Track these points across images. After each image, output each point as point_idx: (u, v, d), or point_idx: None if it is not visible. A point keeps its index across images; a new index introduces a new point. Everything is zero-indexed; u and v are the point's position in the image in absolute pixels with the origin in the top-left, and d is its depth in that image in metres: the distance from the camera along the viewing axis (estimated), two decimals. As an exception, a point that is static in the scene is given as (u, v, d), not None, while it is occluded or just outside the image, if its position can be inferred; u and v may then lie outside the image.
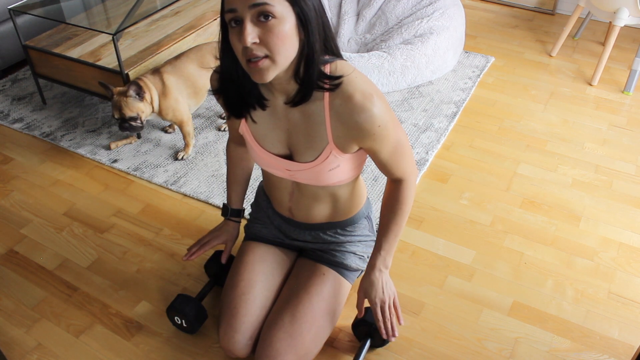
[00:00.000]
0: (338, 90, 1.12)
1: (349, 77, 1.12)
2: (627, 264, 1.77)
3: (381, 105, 1.12)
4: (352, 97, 1.11)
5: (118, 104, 2.00)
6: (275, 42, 1.01)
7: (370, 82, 1.15)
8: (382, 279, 1.34)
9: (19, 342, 1.58)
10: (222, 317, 1.42)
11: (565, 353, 1.52)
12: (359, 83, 1.12)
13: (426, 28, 2.62)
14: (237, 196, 1.56)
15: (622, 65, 2.82)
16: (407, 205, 1.32)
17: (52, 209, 2.02)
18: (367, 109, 1.11)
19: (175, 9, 2.66)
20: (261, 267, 1.48)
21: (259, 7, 0.98)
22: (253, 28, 1.00)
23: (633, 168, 2.16)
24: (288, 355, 1.31)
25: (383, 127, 1.14)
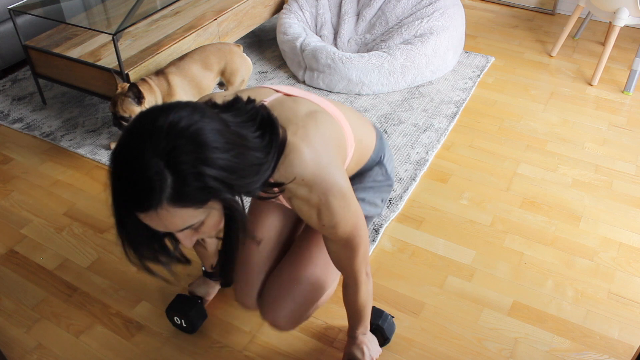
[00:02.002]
0: (288, 189, 1.05)
1: (296, 181, 1.03)
2: (627, 264, 1.77)
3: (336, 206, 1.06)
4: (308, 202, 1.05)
5: (115, 99, 2.03)
6: (209, 231, 0.95)
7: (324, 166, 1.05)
8: (365, 343, 1.38)
9: (19, 342, 1.58)
10: (237, 273, 1.43)
11: (565, 353, 1.52)
12: (310, 184, 1.03)
13: (426, 28, 2.62)
14: (213, 261, 1.55)
15: (622, 65, 2.82)
16: (365, 300, 1.30)
17: (52, 209, 2.02)
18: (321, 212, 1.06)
19: (175, 9, 2.66)
20: (272, 223, 1.46)
21: (185, 229, 0.90)
22: (186, 236, 0.93)
23: (633, 168, 2.16)
24: (285, 302, 1.32)
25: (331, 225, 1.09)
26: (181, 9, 2.66)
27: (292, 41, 2.67)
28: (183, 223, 0.87)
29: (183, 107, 0.85)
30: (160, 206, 0.82)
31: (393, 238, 1.86)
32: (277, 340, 1.57)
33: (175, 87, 2.10)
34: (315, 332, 1.58)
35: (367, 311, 1.34)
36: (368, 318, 1.37)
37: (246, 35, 3.10)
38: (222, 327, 1.60)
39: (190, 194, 0.83)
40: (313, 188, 1.04)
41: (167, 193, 0.81)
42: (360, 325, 1.37)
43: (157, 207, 0.82)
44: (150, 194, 0.81)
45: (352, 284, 1.25)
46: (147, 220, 0.86)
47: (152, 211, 0.83)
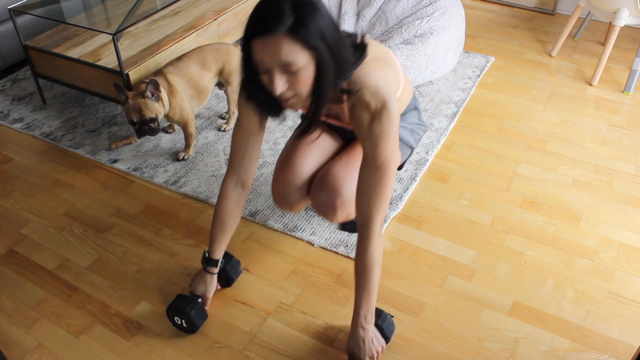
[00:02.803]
0: (355, 96, 1.28)
1: (363, 89, 1.27)
2: (627, 264, 1.77)
3: (387, 120, 1.27)
4: (367, 106, 1.28)
5: (137, 106, 1.97)
6: (300, 86, 1.17)
7: (387, 85, 1.29)
8: (368, 337, 1.40)
9: (19, 342, 1.58)
10: (279, 169, 1.64)
11: (565, 353, 1.52)
12: (373, 92, 1.27)
13: (426, 28, 2.62)
14: (221, 246, 1.56)
15: (622, 65, 2.82)
16: (373, 260, 1.35)
17: (52, 209, 2.02)
18: (373, 120, 1.28)
19: (175, 9, 2.66)
20: (318, 140, 1.67)
21: (285, 65, 1.12)
22: (281, 77, 1.15)
23: (633, 168, 2.16)
24: (345, 180, 1.54)
25: (377, 138, 1.29)
26: (181, 9, 2.66)
27: (292, 41, 2.66)
28: (287, 55, 1.11)
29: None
30: (279, 32, 1.09)
31: (393, 238, 1.86)
32: (277, 340, 1.57)
33: (176, 86, 2.10)
34: (315, 332, 1.58)
35: (373, 280, 1.36)
36: (374, 295, 1.38)
37: (246, 35, 3.10)
38: (222, 327, 1.60)
39: (303, 34, 1.10)
40: (375, 96, 1.27)
41: (288, 24, 1.08)
42: (364, 303, 1.37)
43: (276, 32, 1.08)
44: (276, 21, 1.08)
45: (367, 226, 1.33)
46: (262, 46, 1.11)
47: (271, 35, 1.09)
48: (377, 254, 1.35)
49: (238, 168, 1.49)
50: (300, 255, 1.81)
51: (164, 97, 2.05)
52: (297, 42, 1.10)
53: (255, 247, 1.85)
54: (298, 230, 1.89)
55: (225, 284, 1.69)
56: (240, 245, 1.85)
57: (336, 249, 1.82)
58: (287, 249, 1.84)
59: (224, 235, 1.54)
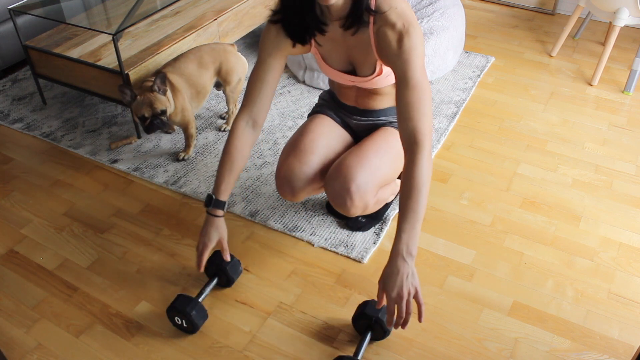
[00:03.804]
0: (382, 18, 1.34)
1: (390, 9, 1.33)
2: (627, 264, 1.77)
3: (415, 37, 1.33)
4: (393, 26, 1.34)
5: (147, 100, 1.97)
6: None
7: (411, 13, 1.36)
8: (404, 271, 1.24)
9: (19, 342, 1.58)
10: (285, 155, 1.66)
11: (565, 353, 1.52)
12: (399, 14, 1.34)
13: (426, 28, 2.62)
14: (227, 187, 1.52)
15: (622, 65, 2.82)
16: (422, 180, 1.27)
17: (52, 209, 2.02)
18: (402, 37, 1.33)
19: (175, 9, 2.66)
20: (329, 128, 1.72)
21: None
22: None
23: (633, 168, 2.16)
24: (360, 170, 1.56)
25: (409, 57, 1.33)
26: (181, 9, 2.66)
27: (292, 41, 2.67)
28: None
29: None
30: None
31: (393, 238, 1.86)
32: (277, 340, 1.57)
33: (177, 85, 2.10)
34: (315, 332, 1.58)
35: (421, 203, 1.26)
36: (419, 218, 1.25)
37: (246, 35, 3.10)
38: (222, 327, 1.60)
39: None
40: (402, 16, 1.33)
41: None
42: (409, 224, 1.25)
43: None
44: None
45: (417, 142, 1.32)
46: None
47: None
48: (428, 174, 1.29)
49: (252, 105, 1.51)
50: (300, 255, 1.81)
51: (169, 94, 2.06)
52: None
53: (255, 247, 1.85)
54: (298, 230, 1.89)
55: (225, 284, 1.69)
56: (240, 245, 1.86)
57: (336, 249, 1.82)
58: (287, 249, 1.84)
59: (231, 175, 1.52)
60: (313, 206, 1.99)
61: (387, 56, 1.37)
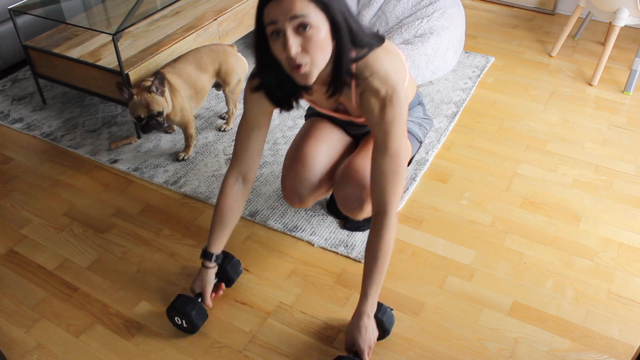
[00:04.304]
0: (364, 83, 1.29)
1: (373, 75, 1.28)
2: (627, 264, 1.77)
3: (398, 106, 1.29)
4: (376, 93, 1.29)
5: (144, 101, 1.97)
6: (315, 49, 1.16)
7: (397, 73, 1.30)
8: (370, 326, 1.40)
9: (19, 342, 1.58)
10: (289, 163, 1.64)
11: (565, 353, 1.52)
12: (383, 79, 1.28)
13: (426, 28, 2.62)
14: (219, 241, 1.55)
15: (622, 65, 2.82)
16: (388, 247, 1.36)
17: (52, 209, 2.02)
18: (384, 106, 1.29)
19: (175, 9, 2.66)
20: (329, 131, 1.69)
21: (299, 18, 1.13)
22: (295, 38, 1.15)
23: (633, 168, 2.16)
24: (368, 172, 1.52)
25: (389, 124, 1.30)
26: (181, 9, 2.66)
27: (292, 41, 2.66)
28: (300, 7, 1.12)
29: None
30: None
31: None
32: (277, 340, 1.57)
33: (176, 86, 2.10)
34: (315, 332, 1.58)
35: (383, 268, 1.37)
36: (380, 284, 1.39)
37: (246, 35, 3.10)
38: (222, 327, 1.60)
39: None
40: (385, 82, 1.28)
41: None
42: (371, 291, 1.38)
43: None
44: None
45: (383, 213, 1.34)
46: (274, 5, 1.12)
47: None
48: (392, 241, 1.37)
49: (240, 162, 1.50)
50: (300, 255, 1.81)
51: (167, 95, 2.06)
52: (310, 1, 1.13)
53: (255, 247, 1.85)
54: (298, 230, 1.89)
55: (225, 284, 1.69)
56: (240, 245, 1.85)
57: (336, 249, 1.82)
58: (287, 249, 1.84)
59: (222, 230, 1.53)
60: (313, 206, 1.99)
61: (369, 120, 1.34)
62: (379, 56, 1.30)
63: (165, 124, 2.09)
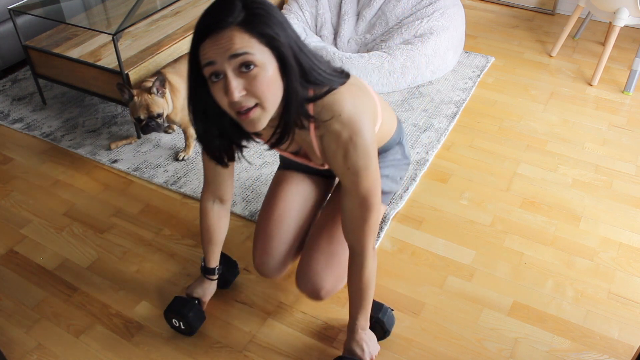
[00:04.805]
0: (324, 125, 1.14)
1: (334, 118, 1.13)
2: (627, 264, 1.77)
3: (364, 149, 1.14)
4: (337, 137, 1.14)
5: (144, 102, 1.97)
6: (262, 90, 1.01)
7: (362, 111, 1.15)
8: (365, 340, 1.40)
9: (19, 342, 1.58)
10: (256, 241, 1.53)
11: (565, 353, 1.52)
12: (345, 122, 1.13)
13: (426, 28, 2.62)
14: (214, 257, 1.54)
15: (622, 65, 2.82)
16: (369, 280, 1.32)
17: (52, 209, 2.02)
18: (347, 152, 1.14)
19: (175, 9, 2.66)
20: (296, 194, 1.56)
21: (240, 57, 0.98)
22: (237, 81, 0.99)
23: (633, 168, 2.16)
24: (326, 275, 1.43)
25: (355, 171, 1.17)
26: (181, 9, 2.66)
27: (292, 41, 2.66)
28: (240, 45, 0.97)
29: None
30: (230, 25, 0.97)
31: (393, 238, 1.86)
32: (277, 340, 1.57)
33: (176, 86, 2.10)
34: (315, 332, 1.58)
35: (370, 294, 1.34)
36: (369, 306, 1.37)
37: (246, 35, 3.10)
38: (222, 327, 1.60)
39: (258, 26, 0.98)
40: (346, 126, 1.12)
41: (240, 18, 0.98)
42: (361, 314, 1.37)
43: (227, 26, 0.97)
44: (226, 15, 0.97)
45: (359, 254, 1.28)
46: (211, 43, 0.98)
47: (221, 31, 0.97)
48: (373, 274, 1.32)
49: (213, 187, 1.42)
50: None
51: (167, 96, 2.06)
52: (252, 33, 0.98)
53: (255, 247, 1.85)
54: (298, 230, 1.89)
55: (222, 285, 1.69)
56: (240, 245, 1.85)
57: (336, 249, 1.82)
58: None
59: (214, 247, 1.53)
60: (313, 206, 1.99)
61: (332, 167, 1.20)
62: (341, 96, 1.14)
63: (165, 124, 2.09)
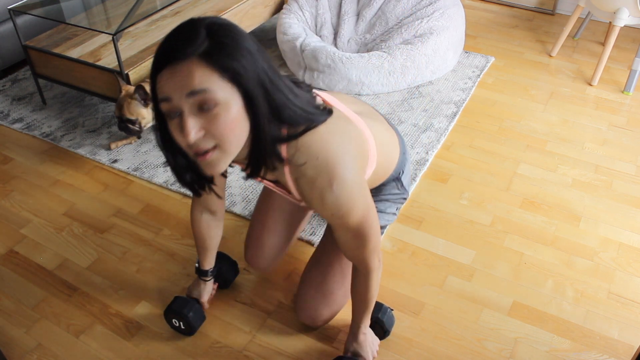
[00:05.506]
0: (298, 170, 1.06)
1: (307, 163, 1.04)
2: (627, 264, 1.77)
3: (342, 192, 1.06)
4: (311, 184, 1.06)
5: (121, 103, 2.01)
6: (222, 132, 0.90)
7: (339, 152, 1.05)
8: (368, 340, 1.42)
9: (19, 342, 1.58)
10: (248, 244, 1.60)
11: (565, 353, 1.52)
12: (319, 166, 1.04)
13: (426, 28, 2.62)
14: (208, 260, 1.55)
15: (622, 65, 2.82)
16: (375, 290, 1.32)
17: (52, 209, 2.02)
18: (324, 197, 1.06)
19: (175, 9, 2.66)
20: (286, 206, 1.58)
21: (199, 95, 0.88)
22: (195, 120, 0.89)
23: (633, 168, 2.16)
24: (323, 310, 1.48)
25: (339, 215, 1.10)
26: (181, 9, 2.66)
27: (292, 41, 2.67)
28: (199, 81, 0.87)
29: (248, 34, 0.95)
30: (189, 57, 0.87)
31: (393, 238, 1.86)
32: (277, 340, 1.57)
33: None
34: (315, 332, 1.58)
35: (373, 302, 1.35)
36: (371, 309, 1.38)
37: (246, 35, 3.10)
38: (222, 327, 1.60)
39: (221, 59, 0.88)
40: (322, 171, 1.04)
41: (202, 48, 0.87)
42: (364, 318, 1.38)
43: (186, 57, 0.87)
44: (186, 44, 0.87)
45: (364, 272, 1.27)
46: (169, 76, 0.88)
47: (180, 62, 0.87)
48: (377, 285, 1.31)
49: (200, 200, 1.41)
50: (300, 255, 1.81)
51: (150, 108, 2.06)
52: (214, 67, 0.87)
53: (255, 247, 1.85)
54: (298, 230, 1.89)
55: (222, 285, 1.69)
56: (240, 245, 1.85)
57: (336, 249, 1.82)
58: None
59: (206, 252, 1.53)
60: (313, 206, 1.98)
61: (313, 209, 1.13)
62: (319, 136, 1.04)
63: (140, 133, 2.10)
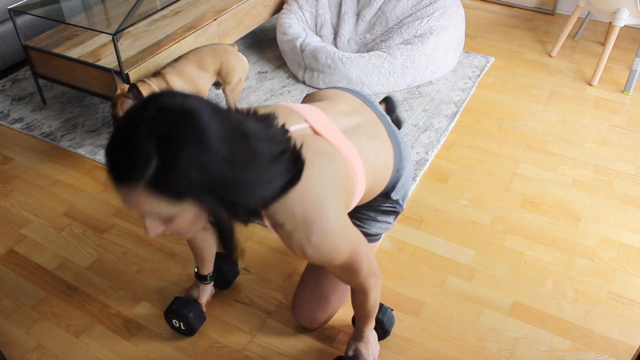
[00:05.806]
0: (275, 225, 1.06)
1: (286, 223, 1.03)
2: (627, 264, 1.77)
3: (323, 244, 1.05)
4: (289, 237, 1.05)
5: (115, 101, 2.01)
6: (179, 230, 0.90)
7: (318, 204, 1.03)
8: (370, 341, 1.44)
9: (19, 342, 1.58)
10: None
11: (565, 353, 1.52)
12: (298, 223, 1.03)
13: (426, 28, 2.62)
14: (205, 266, 1.55)
15: (622, 65, 2.82)
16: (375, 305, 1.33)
17: (52, 209, 2.02)
18: (304, 250, 1.06)
19: (175, 9, 2.66)
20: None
21: (150, 214, 0.86)
22: (153, 222, 0.89)
23: (633, 168, 2.16)
24: (318, 313, 1.51)
25: (323, 262, 1.11)
26: (181, 9, 2.66)
27: (292, 41, 2.67)
28: (151, 210, 0.83)
29: (198, 99, 0.84)
30: (136, 187, 0.80)
31: (393, 238, 1.86)
32: (277, 340, 1.57)
33: (174, 87, 2.10)
34: (315, 332, 1.58)
35: (375, 311, 1.36)
36: (374, 316, 1.39)
37: (246, 36, 3.10)
38: (222, 327, 1.60)
39: (168, 183, 0.79)
40: (299, 227, 1.04)
41: (147, 176, 0.79)
42: (368, 323, 1.39)
43: (132, 186, 0.80)
44: (130, 169, 0.79)
45: (361, 292, 1.28)
46: (121, 192, 0.83)
47: (127, 188, 0.81)
48: (377, 298, 1.32)
49: None
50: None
51: None
52: (162, 194, 0.81)
53: (255, 247, 1.85)
54: (298, 230, 1.89)
55: (222, 285, 1.69)
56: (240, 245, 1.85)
57: (336, 249, 1.82)
58: (287, 249, 1.84)
59: (204, 260, 1.53)
60: (313, 206, 1.98)
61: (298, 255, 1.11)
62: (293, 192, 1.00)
63: None
